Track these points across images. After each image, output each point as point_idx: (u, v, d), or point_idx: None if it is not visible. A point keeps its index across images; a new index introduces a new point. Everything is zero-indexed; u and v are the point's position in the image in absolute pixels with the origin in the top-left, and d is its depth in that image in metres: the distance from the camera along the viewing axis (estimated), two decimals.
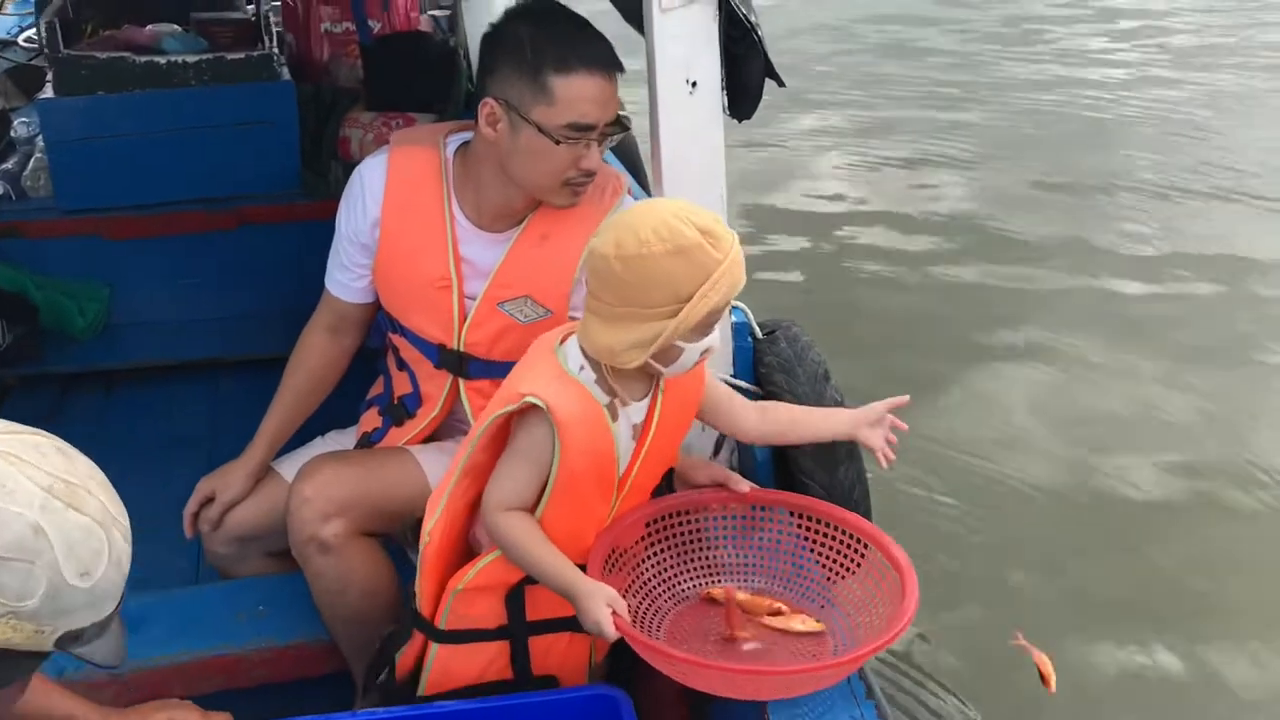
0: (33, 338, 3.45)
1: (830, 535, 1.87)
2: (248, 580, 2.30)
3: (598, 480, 1.77)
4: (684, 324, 1.63)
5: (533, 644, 1.88)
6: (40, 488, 1.26)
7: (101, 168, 3.45)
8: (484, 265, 2.12)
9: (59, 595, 1.26)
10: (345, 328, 2.30)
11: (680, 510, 1.91)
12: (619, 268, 1.63)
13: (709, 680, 1.69)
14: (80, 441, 1.41)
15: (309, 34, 4.21)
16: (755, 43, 1.90)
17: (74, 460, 1.33)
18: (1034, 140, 8.05)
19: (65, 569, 1.25)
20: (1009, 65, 10.08)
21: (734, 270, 1.65)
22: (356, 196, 2.19)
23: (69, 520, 1.26)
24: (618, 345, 1.66)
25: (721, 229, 1.66)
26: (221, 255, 3.60)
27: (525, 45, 1.97)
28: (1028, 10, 12.34)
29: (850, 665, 1.69)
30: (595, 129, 1.99)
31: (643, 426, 1.79)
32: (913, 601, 1.69)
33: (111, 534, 1.31)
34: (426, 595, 1.85)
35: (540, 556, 1.74)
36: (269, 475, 2.25)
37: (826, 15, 11.82)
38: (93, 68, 3.42)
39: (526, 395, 1.70)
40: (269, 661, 2.12)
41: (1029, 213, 6.64)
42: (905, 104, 9.06)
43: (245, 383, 2.45)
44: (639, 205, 1.76)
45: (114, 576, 1.31)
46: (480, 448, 1.78)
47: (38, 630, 1.26)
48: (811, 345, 2.17)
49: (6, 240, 3.53)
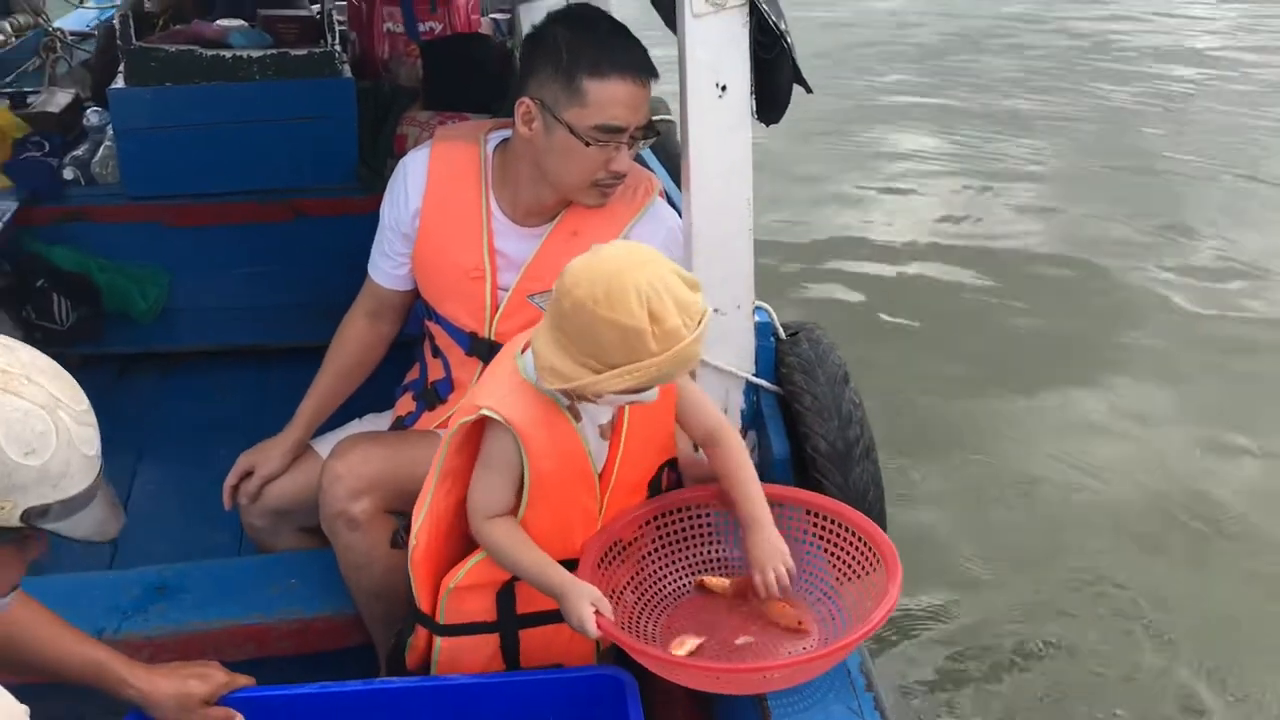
0: (95, 319, 3.58)
1: (826, 529, 1.90)
2: (281, 554, 2.38)
3: (575, 479, 1.80)
4: (600, 386, 1.64)
5: (530, 635, 1.92)
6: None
7: (166, 156, 3.54)
8: (517, 258, 2.20)
9: (9, 473, 1.34)
10: (385, 313, 2.38)
11: (682, 506, 1.95)
12: (566, 305, 1.63)
13: (692, 678, 1.74)
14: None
15: (372, 33, 4.31)
16: (785, 50, 1.94)
17: (15, 351, 1.41)
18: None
19: (8, 448, 1.33)
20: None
21: (666, 365, 1.62)
22: (399, 188, 2.27)
23: (6, 404, 1.34)
24: (544, 361, 1.67)
25: (678, 322, 1.60)
26: (277, 245, 3.68)
27: (562, 48, 2.04)
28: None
29: (830, 657, 1.71)
30: (625, 132, 2.05)
31: (613, 425, 1.82)
32: (895, 589, 1.73)
33: (58, 415, 1.38)
34: (423, 594, 1.90)
35: (524, 560, 1.78)
36: (306, 453, 2.34)
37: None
38: (161, 60, 3.52)
39: (482, 408, 1.74)
40: (296, 632, 2.20)
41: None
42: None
43: (293, 369, 2.53)
44: (630, 254, 1.67)
45: (68, 455, 1.38)
46: (450, 454, 1.82)
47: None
48: (834, 348, 2.20)
49: (75, 224, 3.64)
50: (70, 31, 4.93)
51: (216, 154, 3.56)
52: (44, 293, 3.49)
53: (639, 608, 1.86)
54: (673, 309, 1.60)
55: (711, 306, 2.00)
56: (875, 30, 11.59)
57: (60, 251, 3.60)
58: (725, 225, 2.06)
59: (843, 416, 2.12)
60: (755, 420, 2.22)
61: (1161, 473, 4.20)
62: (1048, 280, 5.88)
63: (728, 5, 1.91)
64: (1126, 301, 5.64)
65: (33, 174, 3.54)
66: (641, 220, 2.20)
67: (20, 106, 3.89)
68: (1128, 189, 7.15)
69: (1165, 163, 7.60)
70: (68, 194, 3.64)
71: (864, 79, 9.74)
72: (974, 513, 3.97)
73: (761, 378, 2.19)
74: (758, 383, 2.19)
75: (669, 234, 2.19)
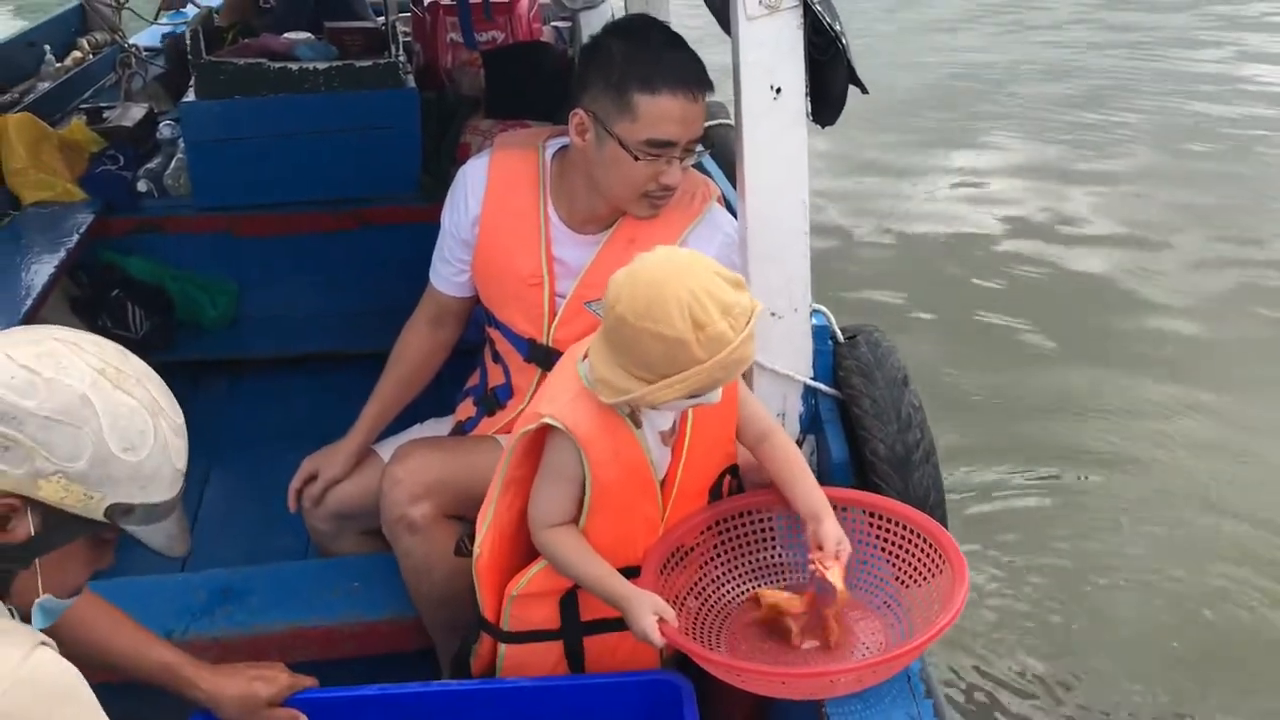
0: (167, 327, 3.66)
1: (891, 531, 1.88)
2: (344, 558, 2.41)
3: (636, 487, 1.80)
4: (654, 397, 1.64)
5: (594, 642, 1.92)
6: (92, 369, 1.40)
7: (235, 167, 3.61)
8: (574, 265, 2.21)
9: (105, 463, 1.39)
10: (445, 320, 2.41)
11: (744, 511, 1.94)
12: (611, 319, 1.65)
13: (759, 683, 1.72)
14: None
15: (435, 44, 4.37)
16: (840, 51, 1.93)
17: (129, 358, 1.47)
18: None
19: (110, 439, 1.39)
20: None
21: (716, 371, 1.61)
22: (460, 195, 2.29)
23: (115, 398, 1.40)
24: (598, 374, 1.69)
25: (725, 325, 1.59)
26: (342, 254, 3.74)
27: (616, 61, 2.05)
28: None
29: (897, 661, 1.69)
30: (675, 146, 2.05)
31: (676, 431, 1.82)
32: (961, 594, 1.70)
33: (158, 422, 1.44)
34: (488, 602, 1.91)
35: (586, 570, 1.78)
36: (369, 457, 2.37)
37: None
38: (230, 73, 3.58)
39: (544, 417, 1.74)
40: (359, 635, 2.23)
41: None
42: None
43: (359, 375, 2.56)
44: (674, 262, 1.66)
45: (160, 461, 1.43)
46: (514, 464, 1.83)
47: (87, 494, 1.39)
48: (893, 350, 2.18)
49: (148, 235, 3.72)
50: (145, 47, 5.03)
51: (283, 165, 3.62)
52: (119, 302, 3.57)
53: (701, 614, 1.86)
54: (716, 314, 1.59)
55: (768, 310, 2.00)
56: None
57: (134, 262, 3.69)
58: (781, 228, 2.05)
59: (902, 420, 2.10)
60: (814, 425, 2.20)
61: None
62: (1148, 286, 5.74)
63: (782, 7, 1.90)
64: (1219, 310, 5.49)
65: (107, 186, 3.62)
66: (698, 227, 2.20)
67: (96, 121, 3.98)
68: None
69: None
70: (141, 205, 3.72)
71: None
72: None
73: (819, 381, 2.18)
74: (816, 386, 2.17)
75: (725, 240, 2.18)
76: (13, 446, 1.35)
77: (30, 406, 1.35)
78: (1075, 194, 6.99)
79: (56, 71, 4.50)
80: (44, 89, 4.26)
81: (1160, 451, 4.31)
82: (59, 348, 1.41)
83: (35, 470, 1.36)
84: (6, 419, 1.34)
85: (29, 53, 4.54)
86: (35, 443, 1.35)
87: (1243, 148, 7.73)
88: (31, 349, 1.39)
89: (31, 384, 1.36)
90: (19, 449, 1.35)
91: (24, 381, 1.36)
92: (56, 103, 4.23)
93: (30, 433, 1.35)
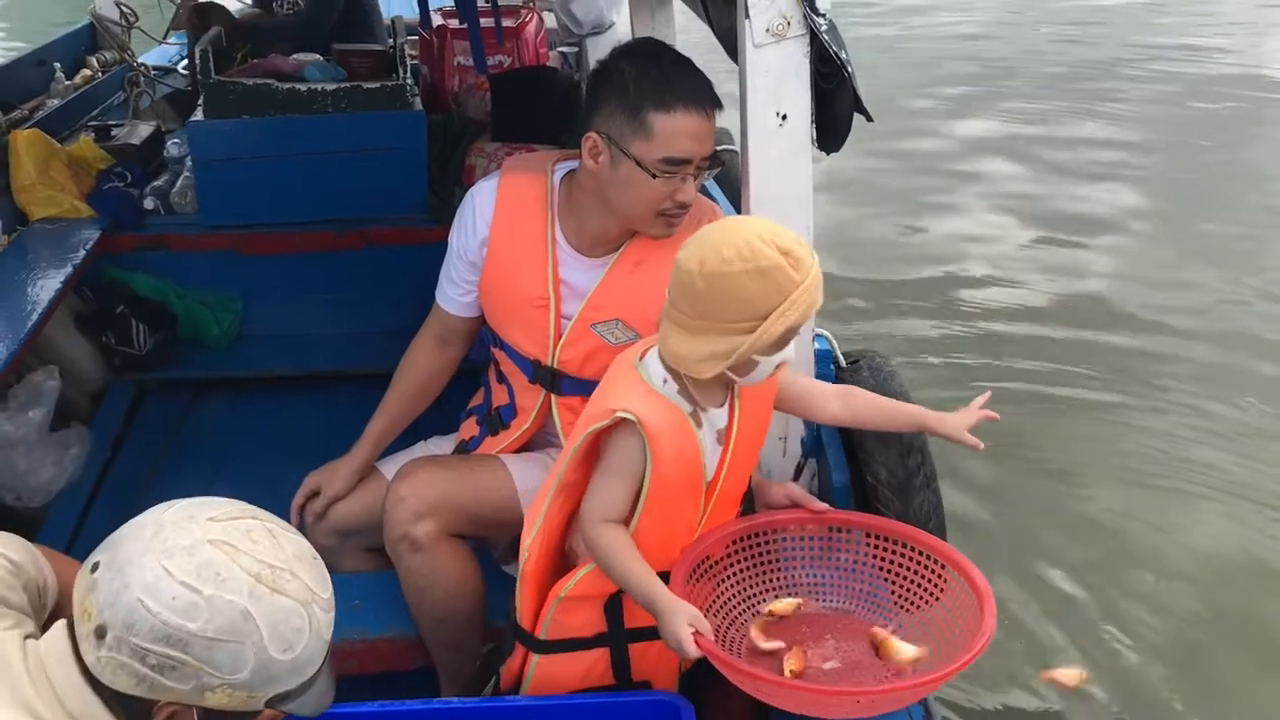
0: (171, 344, 3.66)
1: (905, 556, 1.89)
2: (347, 575, 2.41)
3: (688, 488, 1.83)
4: (761, 340, 1.69)
5: (637, 650, 1.93)
6: (249, 574, 1.39)
7: (242, 187, 3.62)
8: (581, 288, 2.22)
9: (266, 668, 1.39)
10: (451, 339, 2.42)
11: (760, 531, 1.96)
12: (701, 284, 1.70)
13: (791, 699, 1.72)
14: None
15: (443, 66, 4.41)
16: (845, 78, 1.96)
17: (280, 542, 1.45)
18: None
19: (271, 646, 1.39)
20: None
21: (811, 291, 1.70)
22: (468, 216, 2.31)
23: (274, 604, 1.39)
24: (694, 355, 1.73)
25: (802, 250, 1.71)
26: (348, 274, 3.75)
27: (628, 83, 2.06)
28: None
29: (930, 685, 1.70)
30: (691, 163, 2.07)
31: (725, 432, 1.85)
32: (990, 622, 1.71)
33: (312, 610, 1.44)
34: (527, 608, 1.92)
35: (630, 570, 1.79)
36: (372, 474, 2.38)
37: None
38: (239, 93, 3.61)
39: (617, 411, 1.77)
40: (360, 652, 2.23)
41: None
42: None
43: (363, 395, 2.57)
44: (726, 221, 1.83)
45: (315, 645, 1.45)
46: (573, 466, 1.85)
47: (250, 696, 1.41)
48: (895, 375, 2.20)
49: (154, 252, 3.73)
50: (154, 66, 5.07)
51: (290, 184, 3.63)
52: (123, 318, 3.58)
53: (724, 627, 1.87)
54: (790, 240, 1.71)
55: None
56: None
57: (140, 279, 3.70)
58: None
59: (903, 444, 2.11)
60: (815, 448, 2.22)
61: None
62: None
63: (788, 35, 1.93)
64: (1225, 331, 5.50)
65: (114, 204, 3.64)
66: None
67: (104, 139, 4.01)
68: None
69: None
70: (148, 223, 3.73)
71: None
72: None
73: None
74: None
75: None
76: (179, 666, 1.35)
77: (194, 629, 1.35)
78: (1082, 220, 7.04)
79: (66, 89, 4.54)
80: (53, 106, 4.30)
81: (1161, 467, 4.34)
82: (216, 555, 1.38)
83: (201, 685, 1.37)
84: (172, 641, 1.34)
85: (39, 70, 4.58)
86: (200, 662, 1.35)
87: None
88: (189, 560, 1.37)
89: (194, 604, 1.35)
90: (185, 669, 1.35)
91: (186, 602, 1.35)
92: (65, 120, 4.26)
93: (196, 654, 1.35)
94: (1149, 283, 6.08)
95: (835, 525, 1.96)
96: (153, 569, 1.36)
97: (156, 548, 1.38)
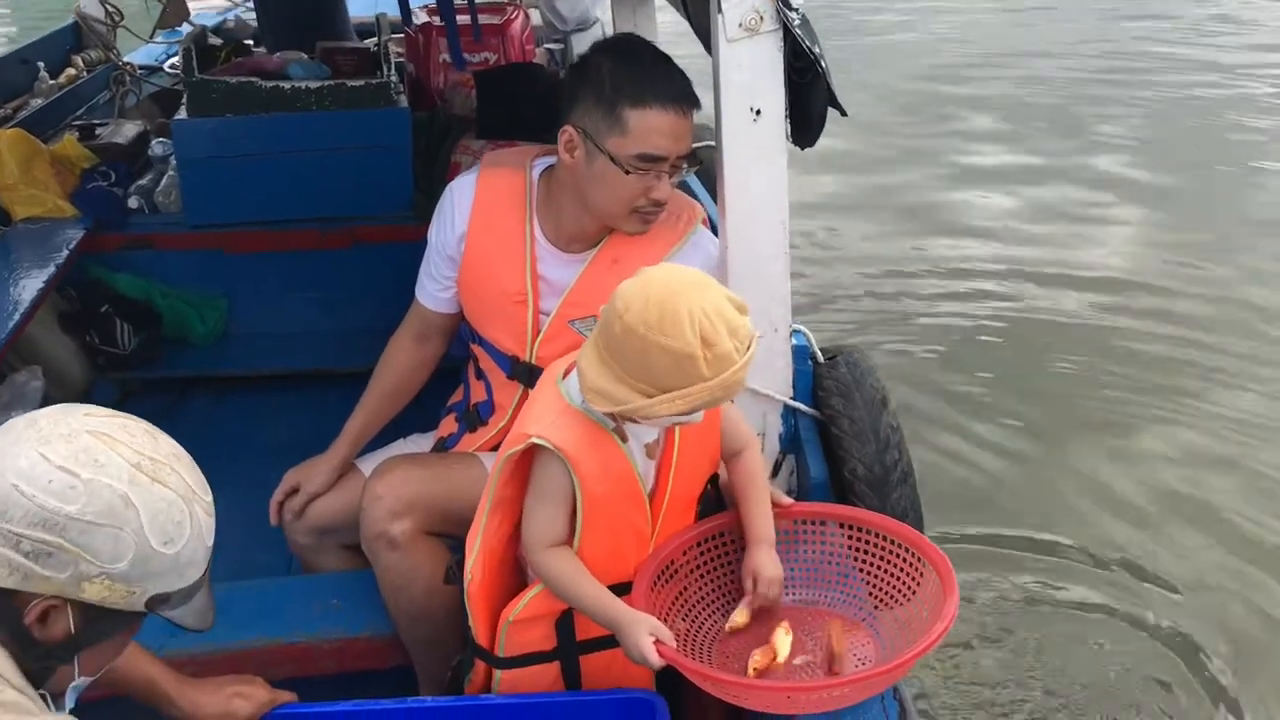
0: (155, 343, 3.66)
1: (874, 544, 1.89)
2: (325, 575, 2.41)
3: (626, 501, 1.81)
4: (652, 411, 1.65)
5: (590, 660, 1.93)
6: (129, 463, 1.38)
7: (226, 185, 3.61)
8: (559, 284, 2.22)
9: (146, 560, 1.38)
10: (430, 335, 2.42)
11: (723, 531, 1.95)
12: (618, 328, 1.64)
13: (763, 699, 1.72)
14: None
15: (429, 64, 4.39)
16: (819, 73, 1.95)
17: (159, 440, 1.45)
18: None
19: (151, 536, 1.38)
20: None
21: (717, 390, 1.62)
22: (447, 212, 2.31)
23: (155, 493, 1.39)
24: (593, 384, 1.68)
25: (729, 346, 1.61)
26: (333, 272, 3.74)
27: (605, 78, 2.06)
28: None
29: (896, 672, 1.69)
30: (666, 161, 2.07)
31: (662, 444, 1.83)
32: (953, 603, 1.70)
33: (193, 508, 1.43)
34: (480, 628, 1.92)
35: (583, 593, 1.79)
36: (351, 471, 2.38)
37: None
38: (223, 91, 3.59)
39: (532, 437, 1.74)
40: (338, 651, 2.22)
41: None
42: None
43: (348, 394, 2.56)
44: (685, 276, 1.69)
45: (196, 546, 1.44)
46: (501, 484, 1.83)
47: (129, 591, 1.39)
48: (872, 371, 2.20)
49: (138, 251, 3.72)
50: (139, 65, 5.06)
51: (275, 183, 3.62)
52: (107, 317, 3.58)
53: (690, 633, 1.86)
54: (725, 334, 1.61)
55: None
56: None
57: (123, 278, 3.70)
58: (761, 248, 2.07)
59: (881, 440, 2.11)
60: (793, 444, 2.22)
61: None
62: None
63: (761, 30, 1.92)
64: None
65: (99, 203, 3.62)
66: (683, 248, 2.21)
67: (89, 138, 4.00)
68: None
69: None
70: (132, 222, 3.72)
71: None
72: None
73: (799, 401, 2.19)
74: (795, 406, 2.19)
75: (710, 262, 2.19)
76: (55, 552, 1.34)
77: (72, 511, 1.33)
78: (1076, 225, 7.02)
79: (50, 88, 4.52)
80: (37, 105, 4.28)
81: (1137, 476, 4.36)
82: (94, 443, 1.37)
83: (78, 574, 1.35)
84: (48, 525, 1.33)
85: (23, 69, 4.56)
86: (78, 547, 1.34)
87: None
88: (66, 446, 1.36)
89: (71, 487, 1.34)
90: (62, 554, 1.34)
91: (63, 485, 1.34)
92: (49, 119, 4.24)
93: (72, 538, 1.34)
94: (1156, 275, 6.12)
95: (802, 518, 1.96)
96: (28, 456, 1.34)
97: (31, 436, 1.37)
